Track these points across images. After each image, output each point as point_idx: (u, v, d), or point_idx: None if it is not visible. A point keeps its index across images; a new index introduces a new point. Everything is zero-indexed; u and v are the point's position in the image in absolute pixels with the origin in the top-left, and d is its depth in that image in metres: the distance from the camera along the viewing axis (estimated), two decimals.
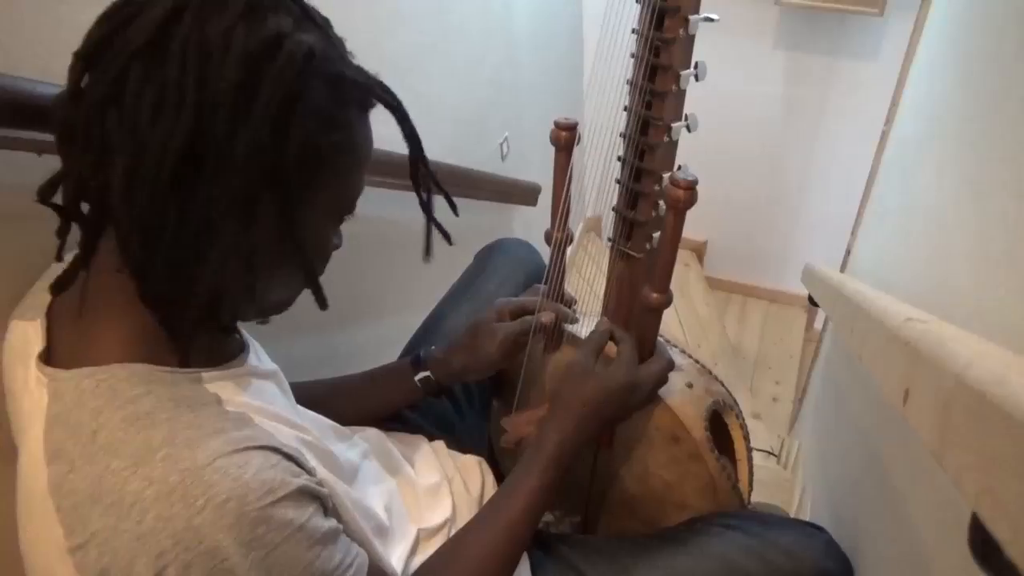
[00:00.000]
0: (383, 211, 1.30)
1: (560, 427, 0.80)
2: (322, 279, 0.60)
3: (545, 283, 0.93)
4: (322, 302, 0.59)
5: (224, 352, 0.62)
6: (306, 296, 0.60)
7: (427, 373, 0.92)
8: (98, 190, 0.51)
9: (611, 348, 0.88)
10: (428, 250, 0.69)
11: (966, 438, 0.35)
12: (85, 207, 0.54)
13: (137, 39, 0.49)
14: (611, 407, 0.82)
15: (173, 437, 0.49)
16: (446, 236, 0.70)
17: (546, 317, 0.91)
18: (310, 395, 0.81)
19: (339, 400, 0.90)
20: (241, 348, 0.65)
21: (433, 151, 0.65)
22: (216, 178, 0.49)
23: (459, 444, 1.02)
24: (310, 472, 0.57)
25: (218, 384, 0.57)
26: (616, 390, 0.81)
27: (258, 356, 0.67)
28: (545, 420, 0.82)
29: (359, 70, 0.58)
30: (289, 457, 0.54)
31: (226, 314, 0.59)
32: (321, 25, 0.56)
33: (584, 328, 0.94)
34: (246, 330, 0.68)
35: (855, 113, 2.80)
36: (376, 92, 0.59)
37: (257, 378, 0.63)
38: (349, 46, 0.59)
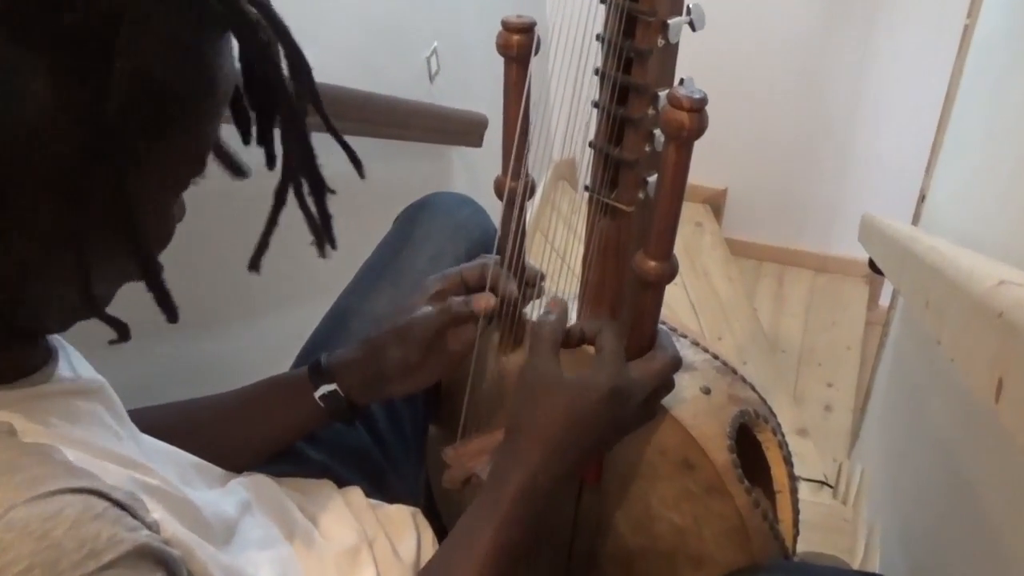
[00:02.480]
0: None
1: (522, 460, 0.80)
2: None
3: (498, 253, 0.93)
4: (169, 310, 0.59)
5: (19, 362, 0.61)
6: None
7: (332, 386, 0.92)
8: None
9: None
10: (324, 245, 0.71)
11: None
12: None
13: None
14: (594, 427, 0.82)
15: None
16: (326, 237, 0.71)
17: (483, 302, 0.90)
18: (162, 424, 0.80)
19: (204, 430, 0.89)
20: (47, 357, 0.64)
21: (330, 72, 0.65)
22: (10, 141, 0.48)
23: (383, 490, 1.02)
24: (151, 526, 0.56)
25: (9, 408, 0.57)
26: (597, 402, 0.81)
27: (73, 367, 0.67)
28: (501, 452, 0.83)
29: None
30: (120, 504, 0.54)
31: (27, 318, 0.59)
32: None
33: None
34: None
35: (924, 5, 2.85)
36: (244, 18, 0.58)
37: (71, 397, 0.63)
38: None
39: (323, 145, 0.71)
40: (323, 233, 0.72)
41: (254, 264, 0.71)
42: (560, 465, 0.81)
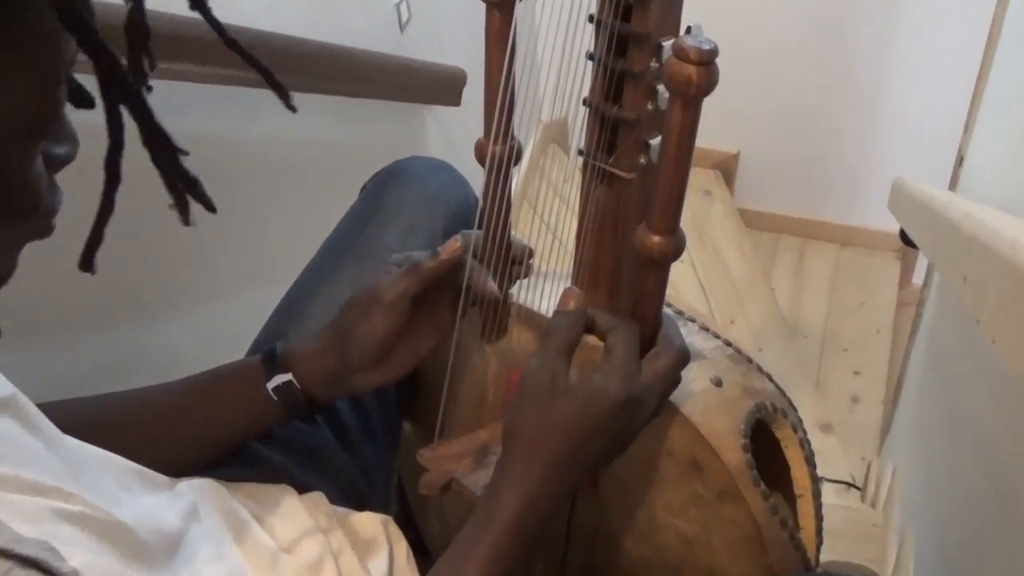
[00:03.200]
0: (222, 124, 1.27)
1: (520, 481, 0.80)
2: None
3: (479, 228, 0.93)
4: None
5: None
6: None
7: (287, 376, 0.92)
8: None
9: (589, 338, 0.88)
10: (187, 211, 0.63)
11: None
12: None
13: None
14: (600, 441, 0.82)
15: None
16: (197, 199, 0.64)
17: (452, 246, 0.90)
18: (89, 422, 0.79)
19: (140, 426, 0.89)
20: None
21: (284, 21, 0.64)
22: None
23: (350, 496, 1.02)
24: None
25: None
26: (607, 413, 0.80)
27: None
28: (498, 468, 0.82)
29: None
30: (27, 560, 0.52)
31: None
32: None
33: (545, 296, 0.94)
34: None
35: None
36: None
37: None
38: None
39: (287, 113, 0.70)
40: (184, 195, 0.63)
41: (85, 262, 0.64)
42: (561, 484, 0.81)
